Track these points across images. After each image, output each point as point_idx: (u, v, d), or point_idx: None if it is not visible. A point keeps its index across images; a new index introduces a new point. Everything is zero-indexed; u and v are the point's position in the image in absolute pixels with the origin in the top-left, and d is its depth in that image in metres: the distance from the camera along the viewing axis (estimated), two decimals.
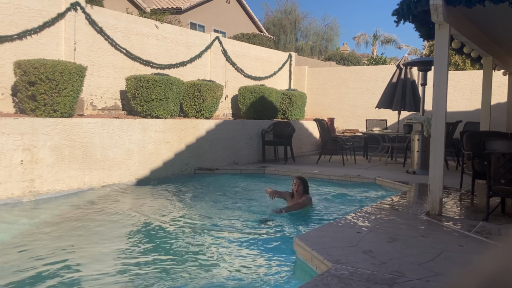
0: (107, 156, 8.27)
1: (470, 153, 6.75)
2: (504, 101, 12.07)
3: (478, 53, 8.16)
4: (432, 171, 5.71)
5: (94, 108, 9.93)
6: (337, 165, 11.21)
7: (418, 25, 6.21)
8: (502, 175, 5.33)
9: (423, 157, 9.61)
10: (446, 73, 5.62)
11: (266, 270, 4.39)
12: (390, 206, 6.27)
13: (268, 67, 15.36)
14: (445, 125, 5.71)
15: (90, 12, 9.67)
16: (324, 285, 3.27)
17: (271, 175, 10.07)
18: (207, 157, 10.42)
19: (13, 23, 8.39)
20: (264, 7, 51.70)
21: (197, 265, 4.46)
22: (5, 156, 6.77)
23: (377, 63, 27.34)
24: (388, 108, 12.16)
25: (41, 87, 7.66)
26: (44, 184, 7.26)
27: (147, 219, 6.25)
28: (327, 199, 7.81)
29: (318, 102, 16.25)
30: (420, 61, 11.28)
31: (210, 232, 5.65)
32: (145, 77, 9.64)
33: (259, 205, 6.95)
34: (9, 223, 5.95)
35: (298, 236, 4.60)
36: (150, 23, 11.31)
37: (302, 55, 27.52)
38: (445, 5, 5.33)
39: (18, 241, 5.17)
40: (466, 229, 5.00)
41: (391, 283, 3.33)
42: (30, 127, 7.10)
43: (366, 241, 4.45)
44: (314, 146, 14.54)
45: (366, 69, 16.78)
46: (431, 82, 5.96)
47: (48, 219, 6.13)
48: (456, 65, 16.85)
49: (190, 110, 10.99)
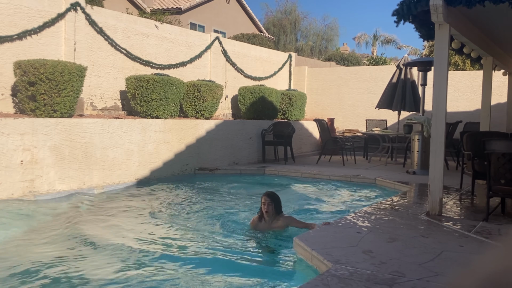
0: (107, 156, 8.27)
1: (470, 153, 6.74)
2: (504, 101, 12.07)
3: (478, 54, 8.15)
4: (432, 171, 5.71)
5: (94, 108, 9.93)
6: (337, 165, 11.21)
7: (418, 25, 6.21)
8: (502, 175, 5.32)
9: (423, 157, 9.60)
10: (446, 73, 5.61)
11: (266, 270, 4.39)
12: (390, 206, 6.27)
13: (268, 67, 15.36)
14: (445, 125, 5.71)
15: (90, 13, 9.67)
16: (324, 285, 3.27)
17: (271, 176, 10.07)
18: (207, 157, 10.41)
19: (13, 23, 8.39)
20: (264, 7, 51.69)
21: (196, 266, 4.46)
22: (5, 156, 6.77)
23: (377, 63, 27.33)
24: (388, 108, 12.17)
25: (41, 87, 7.65)
26: (44, 184, 7.26)
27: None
28: (327, 199, 7.81)
29: (318, 102, 16.25)
30: (420, 61, 11.28)
31: (205, 234, 5.65)
32: (145, 77, 9.64)
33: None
34: (9, 223, 5.95)
35: (298, 236, 4.59)
36: (150, 23, 11.31)
37: (302, 55, 27.52)
38: (445, 6, 5.33)
39: (18, 242, 5.17)
40: (466, 229, 5.00)
41: (391, 283, 3.33)
42: (30, 127, 7.10)
43: (366, 241, 4.45)
44: (314, 146, 14.54)
45: (366, 69, 16.78)
46: (431, 82, 5.96)
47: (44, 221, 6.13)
48: (456, 65, 16.85)
49: (190, 111, 10.99)
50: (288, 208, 7.08)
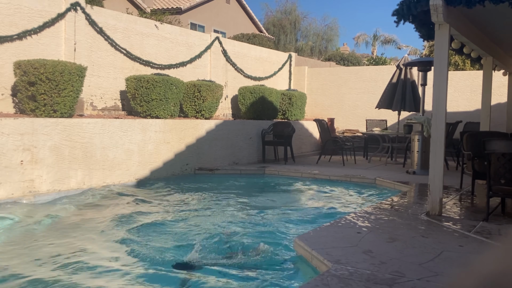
0: (107, 157, 8.27)
1: (470, 153, 6.75)
2: (504, 101, 12.07)
3: (478, 54, 8.16)
4: (432, 171, 5.71)
5: (94, 109, 9.93)
6: (337, 165, 11.21)
7: (418, 25, 6.21)
8: (502, 175, 5.33)
9: (423, 157, 9.61)
10: (446, 73, 5.62)
11: (266, 270, 4.38)
12: (390, 206, 6.27)
13: (268, 67, 15.36)
14: (445, 125, 5.71)
15: (90, 13, 9.67)
16: (324, 285, 3.27)
17: (271, 176, 10.07)
18: (207, 157, 10.42)
19: (13, 23, 8.39)
20: (264, 7, 51.66)
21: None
22: (5, 156, 6.77)
23: (377, 63, 27.34)
24: (388, 108, 12.17)
25: (41, 88, 7.65)
26: (44, 184, 7.26)
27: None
28: (327, 200, 7.81)
29: (318, 102, 16.25)
30: (420, 61, 11.28)
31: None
32: (145, 78, 9.64)
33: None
34: (8, 223, 5.95)
35: (298, 236, 4.60)
36: (150, 23, 11.31)
37: (302, 55, 27.52)
38: (445, 6, 5.33)
39: (17, 242, 5.17)
40: (466, 229, 5.00)
41: (391, 283, 3.33)
42: (30, 127, 7.10)
43: (366, 241, 4.45)
44: (314, 146, 14.54)
45: (366, 69, 16.78)
46: (431, 82, 5.96)
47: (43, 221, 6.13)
48: (456, 65, 16.85)
49: (190, 111, 10.99)
50: (288, 208, 7.08)
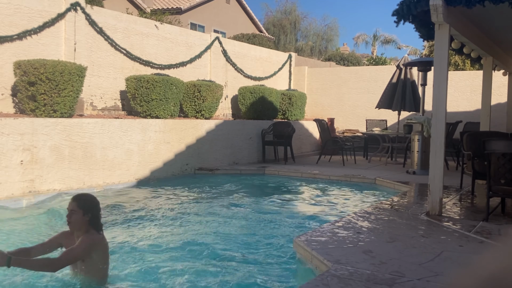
0: (107, 157, 8.27)
1: (470, 153, 6.74)
2: (504, 101, 12.07)
3: (478, 54, 8.15)
4: (432, 171, 5.71)
5: (94, 108, 9.93)
6: (337, 165, 11.21)
7: (418, 25, 6.21)
8: (502, 175, 5.32)
9: (423, 157, 9.60)
10: (446, 73, 5.62)
11: (266, 270, 4.38)
12: (390, 206, 6.27)
13: (268, 67, 15.36)
14: (445, 126, 5.71)
15: (90, 13, 9.67)
16: (324, 285, 3.27)
17: (271, 176, 10.07)
18: (207, 157, 10.41)
19: (13, 23, 8.39)
20: (264, 7, 51.65)
21: (194, 265, 4.46)
22: (5, 156, 6.77)
23: (377, 63, 27.34)
24: (388, 108, 12.17)
25: (41, 87, 7.65)
26: (44, 184, 7.26)
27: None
28: (327, 200, 7.81)
29: (318, 102, 16.25)
30: (420, 61, 11.29)
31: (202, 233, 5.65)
32: (145, 77, 9.64)
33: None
34: (8, 223, 5.95)
35: (298, 236, 4.59)
36: (150, 23, 11.31)
37: (302, 56, 27.52)
38: (445, 6, 5.33)
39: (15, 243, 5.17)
40: (466, 229, 5.00)
41: (391, 283, 3.33)
42: (30, 127, 7.10)
43: (366, 241, 4.45)
44: (314, 146, 14.54)
45: (366, 69, 16.78)
46: (431, 82, 5.96)
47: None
48: (456, 65, 16.86)
49: (190, 111, 10.99)
50: (288, 208, 7.08)
